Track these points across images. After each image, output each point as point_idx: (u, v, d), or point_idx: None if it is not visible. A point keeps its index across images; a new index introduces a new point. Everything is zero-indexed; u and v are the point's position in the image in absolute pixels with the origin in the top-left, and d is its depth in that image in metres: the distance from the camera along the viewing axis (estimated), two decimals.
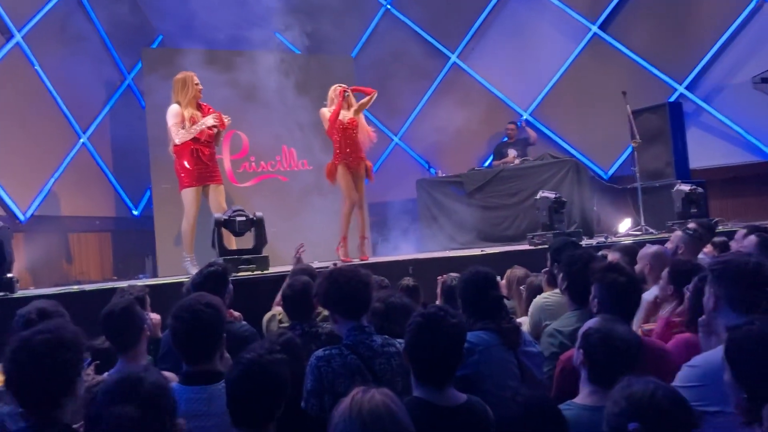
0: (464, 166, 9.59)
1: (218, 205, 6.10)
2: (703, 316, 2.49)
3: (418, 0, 10.76)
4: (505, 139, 9.83)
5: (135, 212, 9.56)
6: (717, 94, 9.19)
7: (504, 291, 4.33)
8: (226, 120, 6.24)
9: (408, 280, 4.18)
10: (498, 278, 3.51)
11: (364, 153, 6.75)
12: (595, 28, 9.88)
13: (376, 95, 6.75)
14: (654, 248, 4.07)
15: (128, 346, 2.94)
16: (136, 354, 2.94)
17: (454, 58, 10.86)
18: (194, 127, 6.02)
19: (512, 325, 2.82)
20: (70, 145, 8.76)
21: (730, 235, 5.21)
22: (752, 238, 3.99)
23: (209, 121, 6.07)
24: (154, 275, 8.46)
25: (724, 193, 8.75)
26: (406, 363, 2.33)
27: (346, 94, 6.52)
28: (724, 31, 9.05)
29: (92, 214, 8.92)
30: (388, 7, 11.23)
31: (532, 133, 9.65)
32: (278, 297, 4.41)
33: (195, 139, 6.06)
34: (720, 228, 6.76)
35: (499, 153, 9.61)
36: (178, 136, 6.01)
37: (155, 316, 3.67)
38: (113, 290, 4.15)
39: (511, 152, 9.25)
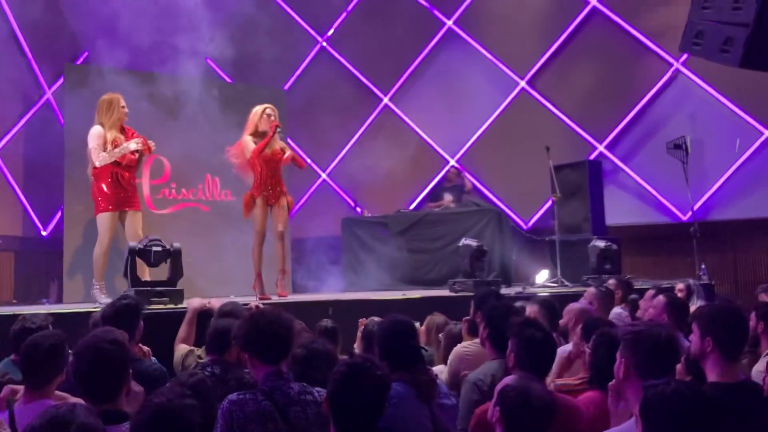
0: (390, 207, 9.64)
1: (134, 233, 5.87)
2: (613, 382, 2.54)
3: (354, 40, 10.88)
4: (443, 181, 9.92)
5: (43, 233, 9.09)
6: (634, 155, 9.65)
7: (423, 337, 4.33)
8: (151, 145, 6.06)
9: (326, 322, 4.10)
10: (417, 324, 3.50)
11: (285, 187, 6.60)
12: (523, 83, 10.23)
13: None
14: (579, 304, 4.18)
15: (44, 383, 2.74)
16: (45, 392, 2.73)
17: (386, 100, 10.99)
18: (116, 150, 5.82)
19: (428, 378, 2.80)
20: None
21: (642, 292, 5.42)
22: (660, 298, 4.16)
23: (132, 145, 5.88)
24: (59, 300, 8.04)
25: (637, 250, 9.12)
26: (327, 412, 2.29)
27: (279, 131, 6.28)
28: (643, 95, 9.56)
29: None
30: (324, 44, 11.30)
31: (467, 182, 9.75)
32: (181, 333, 4.27)
33: (116, 163, 5.85)
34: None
35: (435, 195, 9.69)
36: (99, 158, 5.80)
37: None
38: (14, 316, 3.90)
39: (447, 196, 9.34)
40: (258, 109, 6.42)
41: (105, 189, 5.85)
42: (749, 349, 3.68)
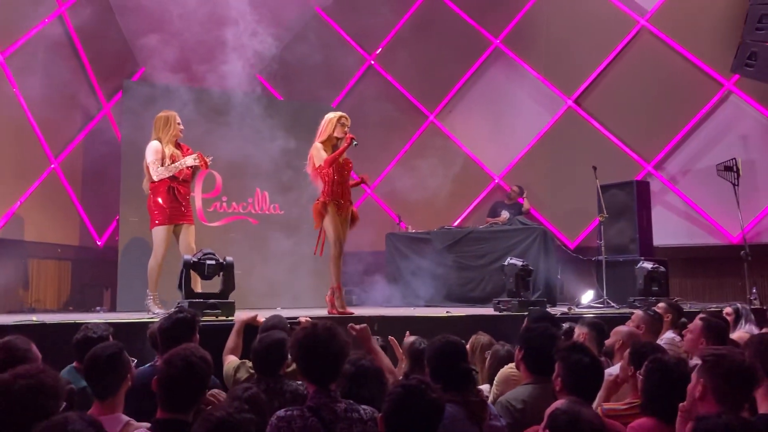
0: (434, 223, 9.69)
1: (188, 246, 6.05)
2: (686, 403, 2.55)
3: (402, 58, 11.01)
4: (504, 199, 9.91)
5: (98, 243, 9.41)
6: (683, 176, 9.54)
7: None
8: (208, 160, 6.23)
9: (378, 341, 4.16)
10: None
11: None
12: (569, 102, 10.20)
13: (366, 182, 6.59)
14: (627, 327, 4.17)
15: (108, 393, 2.87)
16: (113, 403, 2.87)
17: (432, 117, 11.08)
18: (174, 165, 6.03)
19: (479, 399, 2.83)
20: (41, 170, 8.65)
21: (692, 316, 5.35)
22: (697, 322, 4.12)
23: (189, 160, 6.08)
24: (112, 309, 8.30)
25: (685, 272, 8.99)
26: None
27: (355, 143, 6.08)
28: (693, 116, 9.44)
29: (55, 241, 8.76)
30: (372, 62, 11.46)
31: (527, 203, 9.74)
32: (229, 344, 4.38)
33: (173, 178, 6.06)
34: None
35: (494, 211, 9.71)
36: (157, 173, 6.01)
37: None
38: (75, 325, 4.07)
39: (504, 213, 9.35)
40: (332, 116, 6.27)
41: (161, 203, 6.04)
42: None
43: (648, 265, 7.44)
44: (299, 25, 11.12)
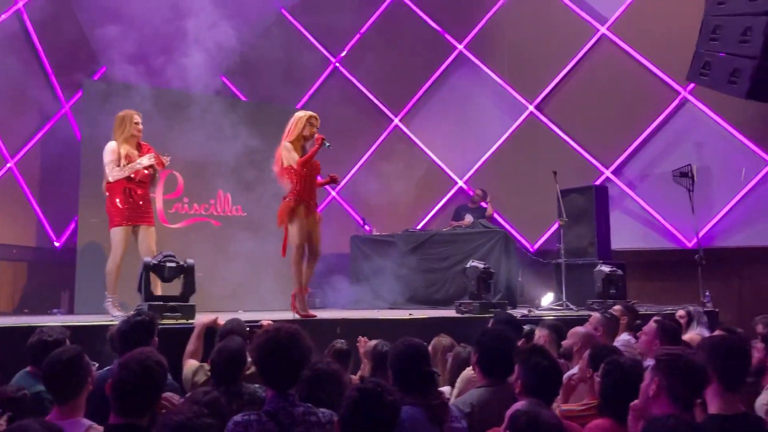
0: (398, 226, 9.74)
1: (148, 248, 5.97)
2: (638, 401, 2.61)
3: (367, 61, 11.03)
4: (467, 203, 10.00)
5: (56, 243, 9.22)
6: (640, 182, 9.75)
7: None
8: (165, 160, 6.16)
9: (341, 344, 4.17)
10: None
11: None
12: (531, 108, 10.35)
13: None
14: (584, 329, 4.24)
15: (68, 397, 2.82)
16: (73, 407, 2.82)
17: (396, 120, 11.13)
18: (129, 166, 5.93)
19: (440, 401, 2.86)
20: None
21: (647, 318, 5.47)
22: (652, 324, 4.24)
23: (145, 161, 5.99)
24: (70, 311, 8.14)
25: (642, 276, 9.18)
26: None
27: (328, 145, 6.00)
28: (651, 122, 9.67)
29: (11, 241, 8.56)
30: (337, 64, 11.46)
31: (490, 208, 9.85)
32: (189, 347, 4.34)
33: (129, 179, 5.95)
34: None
35: (458, 214, 9.77)
36: (112, 174, 5.91)
37: None
38: (31, 328, 3.98)
39: (468, 217, 9.44)
40: (302, 115, 6.23)
41: (118, 204, 5.94)
42: (753, 380, 3.71)
43: (606, 269, 7.58)
44: (263, 26, 11.07)
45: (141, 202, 6.05)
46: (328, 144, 6.03)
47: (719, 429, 2.57)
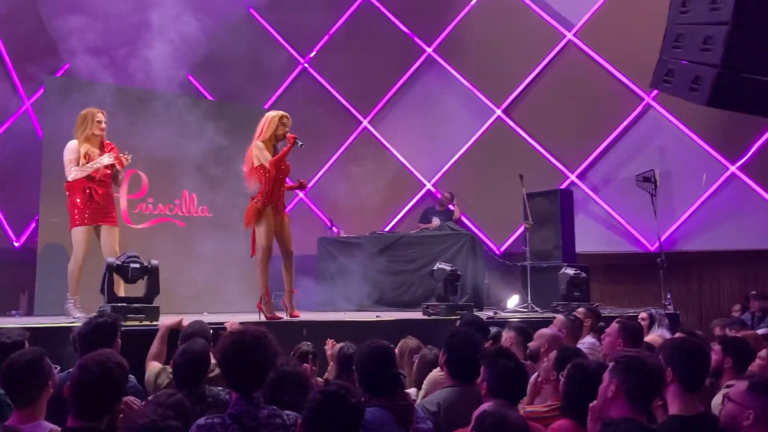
0: (366, 228, 9.73)
1: (110, 248, 5.86)
2: (597, 402, 2.64)
3: (336, 62, 11.02)
4: (435, 205, 10.03)
5: (16, 244, 9.01)
6: (604, 186, 9.91)
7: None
8: (125, 159, 6.02)
9: (307, 346, 4.14)
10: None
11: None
12: (499, 112, 10.45)
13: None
14: (551, 331, 4.28)
15: (28, 401, 2.75)
16: (34, 410, 2.75)
17: (365, 122, 11.13)
18: (89, 165, 5.81)
19: (406, 403, 2.87)
20: None
21: (608, 320, 5.56)
22: (614, 325, 4.33)
23: (105, 159, 5.87)
24: (29, 312, 7.95)
25: (605, 279, 9.33)
26: None
27: (301, 144, 5.98)
28: (615, 128, 9.84)
29: None
30: (305, 65, 11.42)
31: (458, 211, 9.91)
32: (153, 349, 4.29)
33: (90, 178, 5.83)
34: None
35: (425, 217, 9.80)
36: (72, 173, 5.80)
37: None
38: None
39: (435, 220, 9.47)
40: (274, 115, 6.18)
41: (78, 203, 5.83)
42: (711, 381, 3.79)
43: (570, 271, 7.68)
44: (231, 24, 10.98)
45: (103, 202, 5.93)
46: (301, 143, 6.00)
47: (679, 429, 2.62)
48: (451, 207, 9.82)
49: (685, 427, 2.65)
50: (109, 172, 5.95)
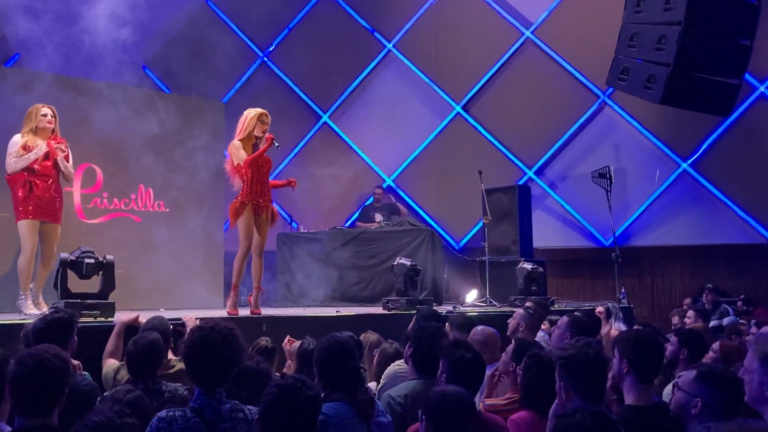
0: (327, 224, 9.70)
1: (48, 247, 5.71)
2: (556, 403, 2.70)
3: (295, 56, 10.95)
4: (371, 201, 10.06)
5: None
6: (561, 182, 10.07)
7: None
8: (59, 150, 5.74)
9: (266, 342, 4.12)
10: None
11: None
12: (458, 108, 10.52)
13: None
14: (487, 331, 4.27)
15: None
16: None
17: (325, 117, 11.08)
18: (24, 156, 5.65)
19: (367, 397, 2.87)
20: None
21: (563, 314, 5.67)
22: (564, 318, 4.45)
23: (40, 150, 5.70)
24: None
25: (562, 273, 9.50)
26: None
27: (277, 145, 5.92)
28: (571, 125, 10.00)
29: None
30: (265, 58, 11.32)
31: (402, 207, 9.95)
32: (109, 346, 4.22)
33: (30, 171, 5.64)
34: (555, 306, 7.31)
35: (366, 215, 9.81)
36: (9, 166, 5.65)
37: None
38: None
39: (377, 217, 9.48)
40: (252, 113, 6.08)
41: (20, 196, 5.66)
42: (665, 371, 3.89)
43: (528, 266, 7.79)
44: (187, 16, 10.81)
45: (44, 197, 5.74)
46: (277, 144, 5.95)
47: (634, 419, 2.68)
48: (386, 201, 9.85)
49: (640, 416, 2.71)
50: (48, 164, 5.76)
